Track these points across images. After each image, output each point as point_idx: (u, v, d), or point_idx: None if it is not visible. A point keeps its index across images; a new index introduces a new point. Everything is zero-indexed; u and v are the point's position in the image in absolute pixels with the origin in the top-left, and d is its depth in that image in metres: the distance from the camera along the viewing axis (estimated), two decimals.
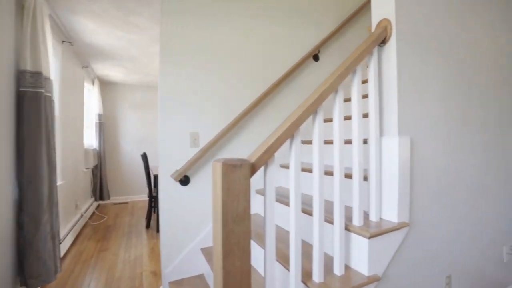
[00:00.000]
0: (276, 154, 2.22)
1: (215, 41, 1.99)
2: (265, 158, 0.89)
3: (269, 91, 2.10)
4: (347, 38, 2.73)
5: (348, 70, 1.09)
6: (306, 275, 1.11)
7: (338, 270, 1.09)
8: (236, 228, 0.82)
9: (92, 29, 2.80)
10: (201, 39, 1.94)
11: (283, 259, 1.26)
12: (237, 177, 0.81)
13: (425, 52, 1.36)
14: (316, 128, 1.01)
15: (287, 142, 2.08)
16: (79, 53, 3.47)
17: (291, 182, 0.96)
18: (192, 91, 1.92)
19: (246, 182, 0.82)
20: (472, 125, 1.60)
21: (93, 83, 4.44)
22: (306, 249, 1.36)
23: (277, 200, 1.71)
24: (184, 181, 1.86)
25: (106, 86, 5.02)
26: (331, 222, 1.21)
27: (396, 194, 1.14)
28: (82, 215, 3.46)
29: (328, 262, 1.22)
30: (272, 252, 0.90)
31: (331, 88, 1.02)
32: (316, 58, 2.50)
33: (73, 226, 3.00)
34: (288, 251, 1.33)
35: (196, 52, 1.92)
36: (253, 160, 0.86)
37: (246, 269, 0.84)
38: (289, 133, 0.92)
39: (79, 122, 3.66)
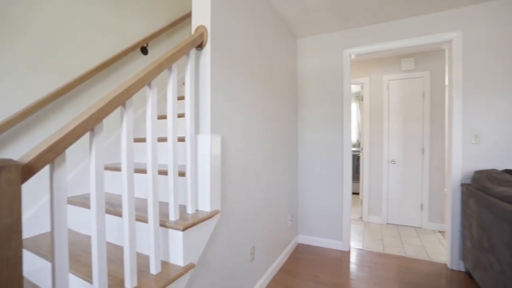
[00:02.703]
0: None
1: None
2: (50, 156, 0.71)
3: (82, 79, 1.75)
4: (181, 38, 2.77)
5: (162, 66, 1.09)
6: (120, 284, 1.01)
7: (154, 269, 1.07)
8: None
9: None
10: None
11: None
12: None
13: (236, 63, 1.60)
14: (124, 123, 0.93)
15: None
16: None
17: (91, 182, 0.84)
18: None
19: (13, 189, 0.62)
20: (269, 127, 2.08)
21: None
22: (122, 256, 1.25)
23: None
24: None
25: None
26: (146, 221, 1.18)
27: (209, 186, 1.28)
28: None
29: (147, 263, 1.17)
30: (63, 273, 0.74)
31: (142, 82, 0.98)
32: (144, 51, 2.36)
33: None
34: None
35: None
36: (27, 159, 0.67)
37: None
38: (86, 127, 0.80)
39: None
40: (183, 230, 1.09)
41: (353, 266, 2.37)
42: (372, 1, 2.16)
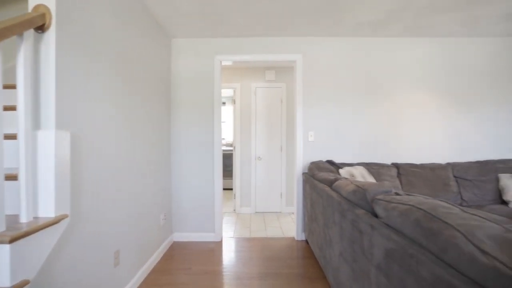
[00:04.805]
0: None
1: None
2: None
3: None
4: (12, 15, 2.20)
5: None
6: None
7: None
8: None
9: None
10: None
11: None
12: None
13: (94, 53, 1.46)
14: None
15: None
16: None
17: None
18: None
19: None
20: (138, 125, 2.00)
21: None
22: None
23: None
24: None
25: None
26: None
27: (53, 189, 1.12)
28: None
29: None
30: None
31: None
32: None
33: None
34: None
35: None
36: None
37: None
38: None
39: None
40: (11, 242, 0.92)
41: (224, 253, 2.62)
42: (234, 18, 2.47)
